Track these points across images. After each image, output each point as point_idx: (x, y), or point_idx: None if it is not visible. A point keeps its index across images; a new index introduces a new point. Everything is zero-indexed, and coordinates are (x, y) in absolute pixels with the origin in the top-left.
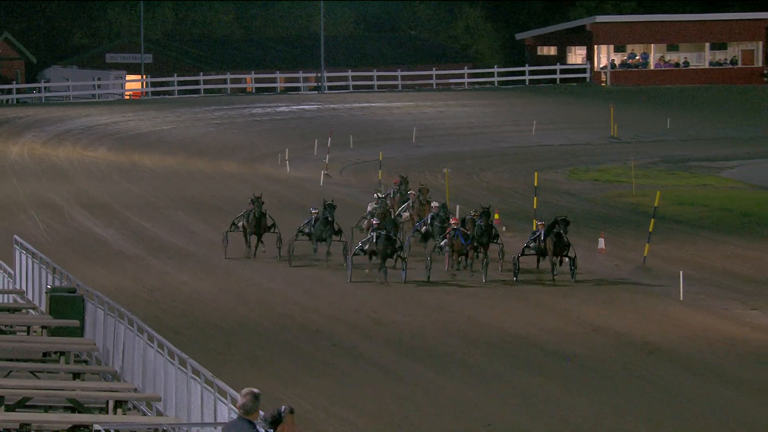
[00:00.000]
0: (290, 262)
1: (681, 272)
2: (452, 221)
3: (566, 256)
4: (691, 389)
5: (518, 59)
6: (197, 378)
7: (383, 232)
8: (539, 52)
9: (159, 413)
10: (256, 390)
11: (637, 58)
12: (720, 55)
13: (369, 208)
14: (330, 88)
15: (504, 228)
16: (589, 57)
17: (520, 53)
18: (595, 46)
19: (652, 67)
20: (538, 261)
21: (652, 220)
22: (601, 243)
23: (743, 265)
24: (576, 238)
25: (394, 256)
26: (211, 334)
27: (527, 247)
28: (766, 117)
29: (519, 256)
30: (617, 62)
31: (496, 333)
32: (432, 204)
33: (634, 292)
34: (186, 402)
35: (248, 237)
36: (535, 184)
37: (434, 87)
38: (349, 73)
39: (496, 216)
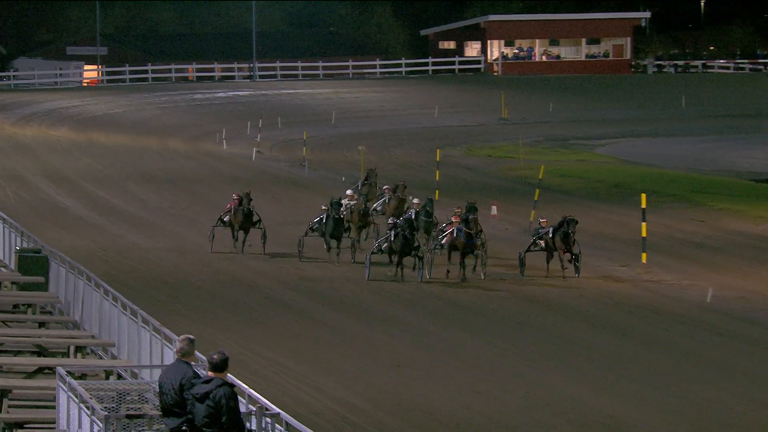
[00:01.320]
0: (300, 257)
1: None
2: (454, 219)
3: (571, 252)
4: (565, 331)
5: (422, 52)
6: (146, 326)
7: (401, 232)
8: (440, 46)
9: (113, 357)
10: (191, 336)
11: (523, 51)
12: (594, 49)
13: (344, 205)
14: (261, 76)
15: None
16: (483, 50)
17: (424, 47)
18: (488, 41)
19: (537, 59)
20: (548, 260)
21: (537, 190)
22: (494, 210)
23: (614, 228)
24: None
25: (412, 255)
26: (158, 288)
27: (533, 243)
28: (632, 101)
29: (525, 253)
30: (507, 55)
31: (406, 287)
32: (413, 200)
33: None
34: (137, 347)
35: (236, 232)
36: (438, 159)
37: (350, 76)
38: (278, 64)
39: (403, 186)
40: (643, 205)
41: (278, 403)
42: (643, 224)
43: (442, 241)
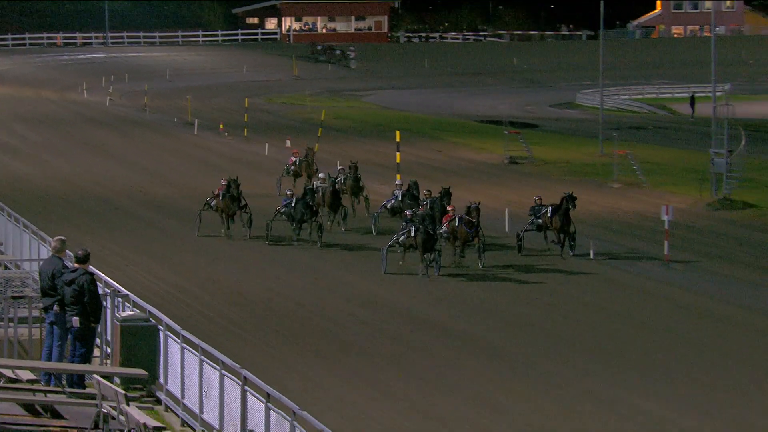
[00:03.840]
0: (268, 241)
1: (338, 161)
2: (449, 208)
3: (567, 232)
4: (339, 234)
5: (234, 26)
6: (26, 230)
7: (422, 227)
8: (247, 21)
9: (1, 253)
10: (63, 237)
11: (309, 25)
12: (361, 24)
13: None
14: (112, 43)
15: (227, 134)
16: (279, 25)
17: (235, 21)
18: (283, 18)
19: (319, 32)
20: (546, 236)
21: (320, 128)
22: (288, 143)
23: (376, 157)
24: (271, 139)
25: (433, 250)
26: (36, 203)
27: (531, 222)
28: (389, 63)
29: (524, 231)
30: (297, 28)
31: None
32: (396, 182)
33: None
34: (19, 245)
35: (225, 217)
36: (246, 106)
37: (180, 43)
38: (125, 34)
39: (221, 126)
40: (398, 140)
41: (127, 287)
42: (398, 154)
43: (441, 230)
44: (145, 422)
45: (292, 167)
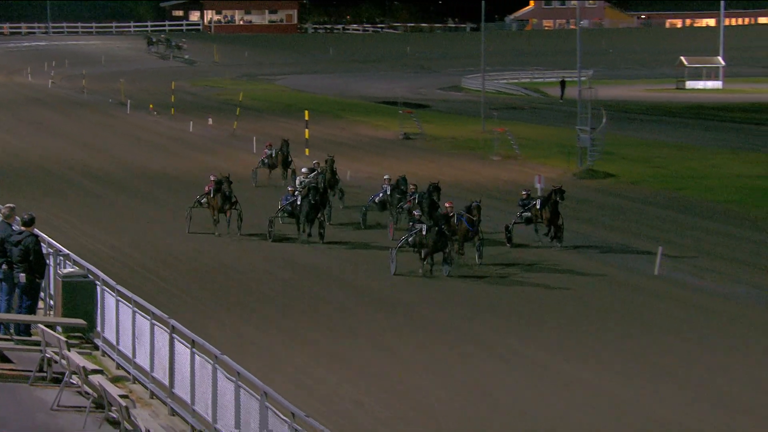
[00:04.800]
0: (270, 238)
1: (250, 136)
2: (447, 205)
3: (556, 225)
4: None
5: (162, 17)
6: None
7: (434, 226)
8: (174, 14)
9: None
10: (12, 204)
11: (228, 18)
12: (274, 17)
13: (297, 182)
14: (54, 32)
15: (156, 113)
16: (202, 17)
17: (163, 14)
18: (205, 11)
19: (237, 23)
20: (537, 229)
21: (238, 108)
22: (210, 121)
23: (288, 133)
24: (195, 118)
25: (445, 251)
26: None
27: (520, 215)
28: (299, 51)
29: (513, 224)
30: (217, 20)
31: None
32: (384, 176)
33: (228, 145)
34: None
35: (216, 214)
36: (173, 88)
37: (114, 33)
38: (65, 24)
39: (151, 106)
40: (306, 118)
41: (69, 248)
42: (306, 130)
43: None
44: (84, 365)
45: (267, 159)
